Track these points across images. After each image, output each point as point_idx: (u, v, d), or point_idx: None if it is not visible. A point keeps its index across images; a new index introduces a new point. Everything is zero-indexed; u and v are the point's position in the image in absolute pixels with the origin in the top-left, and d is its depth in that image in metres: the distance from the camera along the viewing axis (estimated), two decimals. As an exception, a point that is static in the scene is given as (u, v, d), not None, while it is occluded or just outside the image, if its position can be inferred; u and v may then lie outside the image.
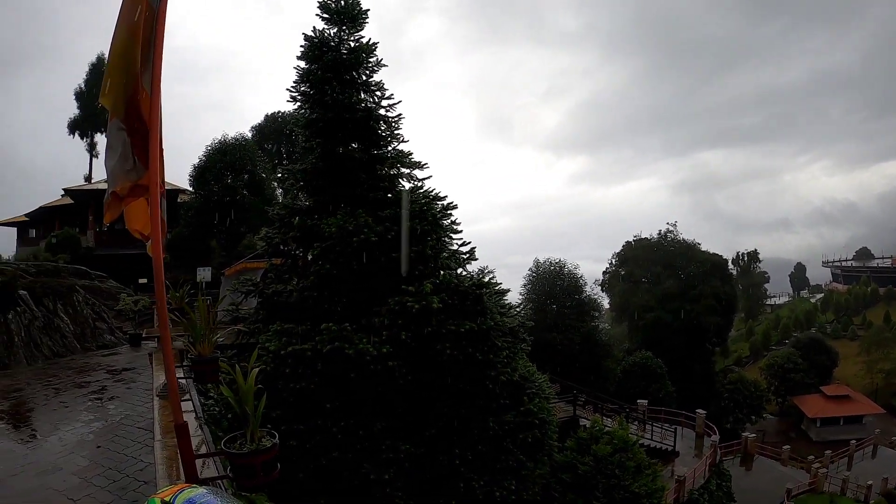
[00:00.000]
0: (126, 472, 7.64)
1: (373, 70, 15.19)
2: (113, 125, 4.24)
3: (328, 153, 14.79)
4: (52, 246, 44.19)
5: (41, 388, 12.98)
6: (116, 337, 18.93)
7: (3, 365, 15.10)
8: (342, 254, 12.24)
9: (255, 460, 3.64)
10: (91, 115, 66.94)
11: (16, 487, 7.38)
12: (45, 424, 10.16)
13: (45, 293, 18.24)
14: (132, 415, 10.29)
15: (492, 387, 12.75)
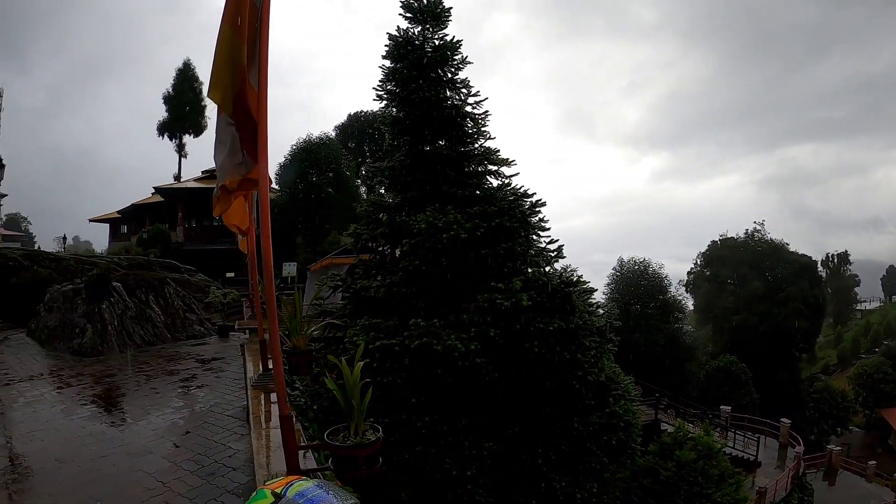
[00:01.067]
0: (215, 458, 7.79)
1: (458, 67, 15.15)
2: (222, 120, 4.30)
3: (415, 150, 14.84)
4: (144, 241, 45.57)
5: (133, 374, 13.41)
6: (205, 328, 19.37)
7: (96, 351, 15.67)
8: (431, 250, 12.23)
9: (359, 453, 3.65)
10: (179, 117, 68.90)
11: (107, 469, 7.58)
12: (136, 409, 10.46)
13: (137, 285, 18.85)
14: (221, 403, 10.51)
15: (578, 387, 12.60)
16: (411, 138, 14.88)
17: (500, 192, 13.71)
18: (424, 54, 14.75)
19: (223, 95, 4.15)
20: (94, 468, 7.59)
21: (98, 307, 16.87)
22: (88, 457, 8.02)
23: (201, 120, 70.58)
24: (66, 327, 16.95)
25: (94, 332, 16.21)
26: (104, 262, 29.07)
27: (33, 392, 11.93)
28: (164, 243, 45.52)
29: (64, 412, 10.37)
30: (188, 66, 70.40)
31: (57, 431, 9.26)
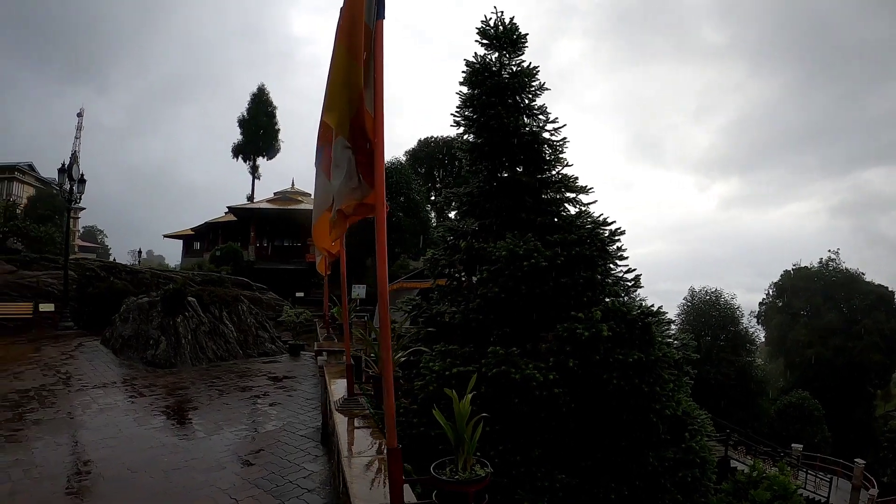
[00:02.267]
0: (288, 478, 7.75)
1: (535, 94, 15.03)
2: (338, 143, 4.25)
3: (493, 177, 14.75)
4: (216, 258, 46.38)
5: (205, 388, 13.54)
6: (277, 346, 19.52)
7: (169, 363, 15.93)
8: (511, 277, 12.07)
9: (469, 489, 3.53)
10: (253, 140, 70.63)
11: (180, 481, 7.63)
12: (208, 423, 10.53)
13: (212, 301, 19.12)
14: (294, 422, 10.49)
15: (655, 420, 12.30)
16: (489, 164, 14.78)
17: (579, 220, 13.50)
18: (502, 80, 14.66)
19: (339, 118, 4.11)
20: (167, 480, 7.64)
21: (173, 320, 17.19)
22: (161, 468, 8.08)
23: (274, 143, 72.05)
24: (140, 338, 17.27)
25: (167, 344, 16.49)
26: (180, 276, 29.66)
27: (106, 399, 12.18)
28: (235, 261, 46.22)
29: (136, 421, 10.53)
30: (262, 91, 72.03)
31: (129, 440, 9.40)
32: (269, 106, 71.59)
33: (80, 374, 14.76)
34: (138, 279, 29.34)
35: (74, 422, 10.58)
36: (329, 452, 8.57)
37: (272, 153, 72.26)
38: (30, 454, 8.59)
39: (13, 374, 14.37)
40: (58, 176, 25.70)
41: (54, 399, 12.24)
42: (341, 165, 4.21)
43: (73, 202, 25.88)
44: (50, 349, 18.39)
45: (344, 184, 4.17)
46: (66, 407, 11.66)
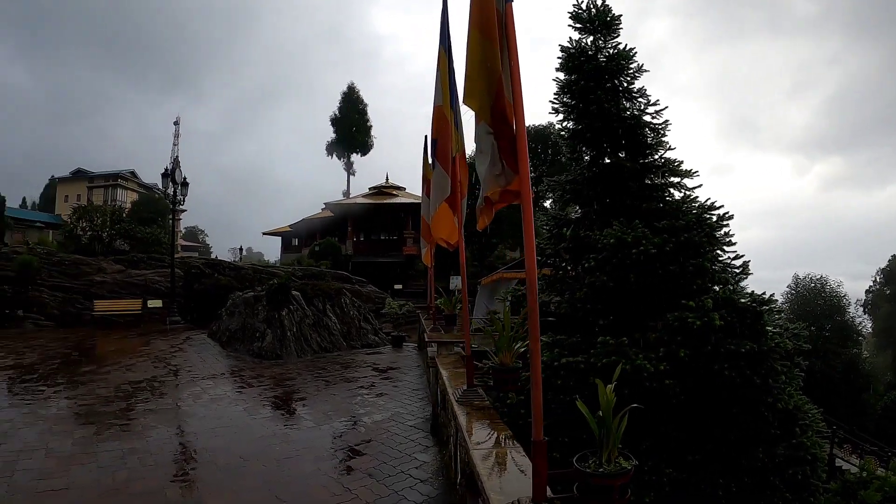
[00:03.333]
0: (400, 468, 7.72)
1: (633, 76, 14.64)
2: (480, 129, 4.16)
3: (595, 163, 14.46)
4: (315, 253, 47.08)
5: (311, 378, 13.72)
6: (380, 338, 19.67)
7: (275, 355, 16.25)
8: (619, 266, 11.81)
9: (615, 482, 3.40)
10: (346, 138, 71.62)
11: (292, 470, 7.70)
12: (317, 413, 10.62)
13: (315, 294, 19.42)
14: (402, 413, 10.48)
15: (766, 414, 11.84)
16: (590, 151, 14.50)
17: (685, 205, 13.11)
18: (599, 64, 14.33)
19: (480, 103, 4.03)
20: (279, 468, 7.71)
21: (278, 314, 17.51)
22: (273, 457, 8.17)
23: (367, 140, 72.84)
24: (246, 331, 17.70)
25: (273, 336, 16.83)
26: (285, 271, 30.22)
27: (216, 390, 12.49)
28: (334, 255, 46.85)
29: (246, 411, 10.73)
30: (352, 90, 72.97)
31: (240, 430, 9.57)
32: (360, 103, 72.44)
33: (189, 365, 15.21)
34: (241, 275, 30.02)
35: (186, 412, 10.84)
36: (440, 443, 8.52)
37: (365, 149, 73.11)
38: (144, 443, 8.82)
39: (125, 367, 14.90)
40: (161, 180, 26.85)
41: (165, 390, 12.63)
42: (485, 151, 4.11)
43: (177, 204, 26.65)
44: (159, 342, 19.09)
45: (488, 170, 4.07)
46: (178, 397, 12.00)
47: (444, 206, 7.33)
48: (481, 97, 4.01)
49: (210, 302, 24.59)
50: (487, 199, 4.27)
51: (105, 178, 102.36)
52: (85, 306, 26.14)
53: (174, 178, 25.79)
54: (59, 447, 8.56)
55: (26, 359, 15.97)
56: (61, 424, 9.82)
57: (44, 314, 25.91)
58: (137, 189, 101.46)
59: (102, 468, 7.68)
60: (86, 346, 18.69)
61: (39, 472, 7.49)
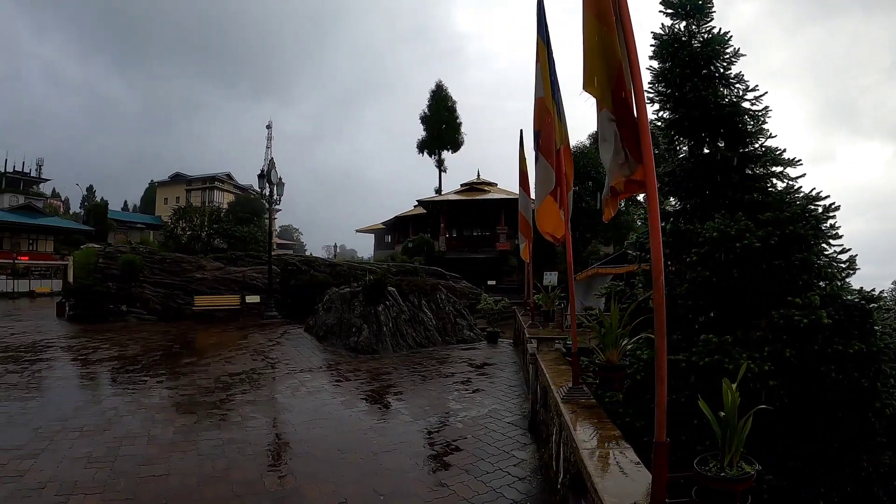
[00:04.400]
0: (498, 465, 7.60)
1: (730, 61, 14.15)
2: (602, 116, 4.02)
3: (692, 154, 14.08)
4: (409, 249, 47.44)
5: (407, 373, 13.75)
6: (475, 333, 19.59)
7: (371, 350, 16.37)
8: (722, 260, 11.45)
9: (737, 487, 3.25)
10: (436, 135, 71.73)
11: (389, 464, 7.69)
12: (414, 408, 10.60)
13: (410, 290, 19.50)
14: (499, 409, 10.36)
15: (873, 420, 11.26)
16: (688, 141, 14.11)
17: (788, 196, 12.61)
18: (694, 50, 13.91)
19: (601, 90, 3.92)
20: (376, 461, 7.71)
21: (374, 309, 17.66)
22: (370, 450, 8.17)
23: (457, 137, 72.74)
24: (343, 326, 17.91)
25: (369, 331, 16.96)
26: (379, 268, 30.52)
27: (313, 383, 12.65)
28: (427, 252, 47.14)
29: (344, 404, 10.80)
30: (440, 87, 72.98)
31: (338, 422, 9.63)
32: (449, 100, 72.42)
33: (286, 359, 15.50)
34: (337, 271, 30.47)
35: (284, 403, 11.02)
36: (538, 440, 8.39)
37: (456, 146, 73.05)
38: (243, 433, 9.00)
39: (225, 359, 15.33)
40: (257, 181, 27.64)
41: (264, 382, 12.91)
42: (608, 139, 3.98)
43: (273, 203, 27.24)
44: (257, 336, 19.54)
45: (612, 160, 3.94)
46: (276, 389, 12.23)
47: (549, 199, 7.19)
48: (601, 84, 3.90)
49: (306, 297, 25.02)
50: (613, 189, 4.12)
51: (202, 180, 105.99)
52: (185, 301, 27.11)
53: (270, 178, 26.49)
54: (161, 435, 8.84)
55: (130, 350, 16.70)
56: (163, 413, 10.15)
57: (146, 309, 27.02)
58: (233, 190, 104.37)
59: (202, 456, 7.88)
60: (186, 339, 19.38)
61: (141, 458, 7.74)
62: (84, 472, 7.25)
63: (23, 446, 8.24)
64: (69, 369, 14.53)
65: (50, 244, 67.68)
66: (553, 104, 6.74)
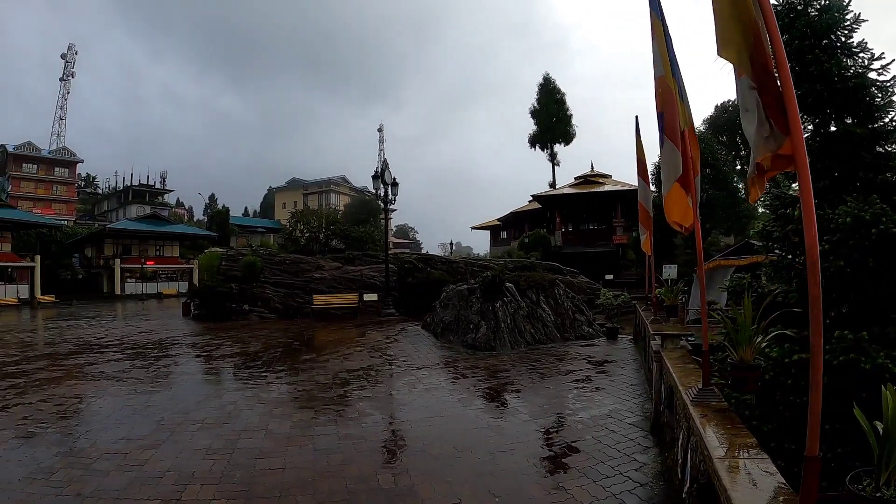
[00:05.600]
0: (618, 468, 7.22)
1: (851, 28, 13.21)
2: (742, 84, 3.65)
3: (819, 132, 13.32)
4: (525, 245, 47.32)
5: (526, 371, 13.46)
6: (594, 329, 19.14)
7: (489, 346, 16.18)
8: (856, 248, 10.69)
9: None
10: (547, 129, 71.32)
11: (506, 464, 7.47)
12: (532, 407, 10.31)
13: (528, 286, 19.24)
14: (620, 409, 9.96)
15: None
16: (813, 118, 13.30)
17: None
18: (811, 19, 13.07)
19: (738, 54, 3.56)
20: (493, 461, 7.47)
21: (492, 305, 17.51)
22: (487, 449, 7.94)
23: (568, 129, 72.06)
24: (460, 322, 17.87)
25: (487, 328, 16.79)
26: (496, 264, 30.49)
27: (430, 380, 12.55)
28: (543, 247, 46.88)
29: (461, 402, 10.61)
30: (548, 80, 72.37)
31: (455, 420, 9.46)
32: (557, 93, 71.69)
33: (404, 355, 15.56)
34: (453, 268, 30.61)
35: (400, 400, 10.95)
36: (661, 444, 8.01)
37: (568, 139, 72.30)
38: (359, 428, 8.98)
39: (343, 356, 15.53)
40: (372, 182, 28.10)
41: (381, 379, 12.93)
42: (750, 109, 3.59)
43: (388, 203, 27.56)
44: (375, 333, 19.87)
45: (756, 132, 3.55)
46: (393, 386, 12.21)
47: (676, 186, 6.78)
48: (738, 47, 3.55)
49: (423, 295, 25.24)
50: (759, 167, 3.73)
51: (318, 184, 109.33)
52: (305, 300, 27.90)
53: (384, 178, 26.92)
54: (278, 429, 8.96)
55: (251, 347, 17.37)
56: (281, 408, 10.33)
57: (267, 308, 28.01)
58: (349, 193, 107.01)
59: (318, 451, 7.90)
60: (305, 337, 19.92)
61: (259, 451, 7.86)
62: (202, 462, 7.45)
63: (145, 437, 8.62)
64: (192, 365, 15.28)
65: (175, 249, 71.84)
66: (674, 82, 6.38)
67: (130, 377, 13.37)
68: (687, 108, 6.36)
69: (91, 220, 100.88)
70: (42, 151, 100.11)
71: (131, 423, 9.39)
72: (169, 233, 70.68)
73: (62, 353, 17.45)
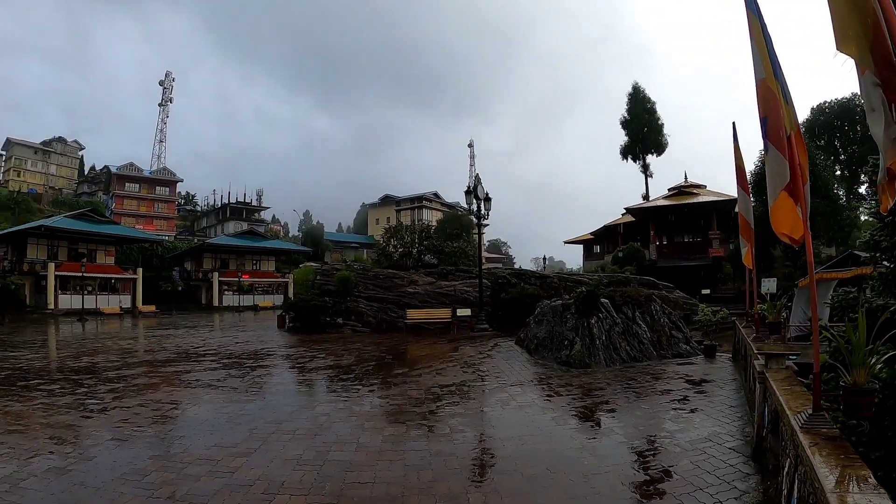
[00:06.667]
0: (717, 497, 6.77)
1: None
2: (866, 81, 3.36)
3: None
4: (619, 259, 46.83)
5: (621, 389, 13.12)
6: (691, 347, 18.52)
7: (583, 364, 15.86)
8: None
9: None
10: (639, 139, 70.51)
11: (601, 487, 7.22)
12: (628, 427, 9.99)
13: (624, 301, 18.84)
14: (719, 432, 9.50)
15: None
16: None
17: None
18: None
19: (858, 48, 3.27)
20: (586, 484, 7.21)
21: (587, 321, 17.20)
22: (580, 471, 7.67)
23: (660, 139, 71.07)
24: (554, 339, 17.61)
25: (582, 345, 16.48)
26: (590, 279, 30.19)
27: (524, 397, 12.32)
28: (638, 261, 46.26)
29: (555, 421, 10.34)
30: (637, 90, 71.58)
31: (548, 439, 9.21)
32: (647, 102, 70.80)
33: (497, 372, 15.39)
34: (547, 284, 30.38)
35: (493, 417, 10.79)
36: (763, 471, 7.57)
37: (660, 149, 71.27)
38: (451, 445, 8.84)
39: (436, 371, 15.50)
40: (464, 198, 28.23)
41: (473, 395, 12.78)
42: (876, 109, 3.28)
43: (481, 218, 27.55)
44: (468, 349, 19.75)
45: (885, 134, 3.25)
46: (485, 403, 12.05)
47: (784, 196, 6.36)
48: (858, 41, 3.26)
49: (517, 310, 25.11)
50: (889, 171, 3.42)
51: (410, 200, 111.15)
52: (398, 315, 28.21)
53: (476, 194, 26.96)
54: (369, 442, 8.94)
55: (344, 360, 17.55)
56: (373, 421, 10.31)
57: (360, 322, 28.44)
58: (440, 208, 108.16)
59: (409, 466, 7.81)
60: (398, 351, 20.01)
61: (349, 464, 7.85)
62: (292, 473, 7.49)
63: (238, 444, 8.80)
64: (286, 376, 15.63)
65: (271, 263, 74.38)
66: (776, 84, 6.02)
67: (225, 386, 13.80)
68: (792, 112, 6.00)
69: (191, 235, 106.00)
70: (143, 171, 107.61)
71: (224, 431, 9.64)
72: (265, 248, 73.65)
73: (160, 361, 18.37)
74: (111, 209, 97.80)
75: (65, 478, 7.32)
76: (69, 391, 13.25)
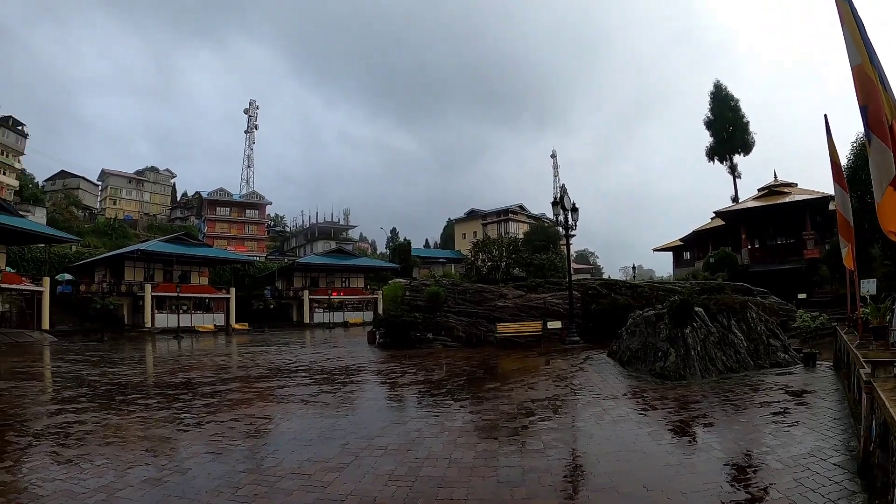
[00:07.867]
0: None
1: None
2: None
3: None
4: (710, 265, 45.99)
5: (718, 402, 12.75)
6: (790, 355, 17.90)
7: (678, 375, 15.56)
8: None
9: None
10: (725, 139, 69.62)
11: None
12: (727, 442, 9.67)
13: (718, 310, 18.41)
14: (823, 447, 9.11)
15: None
16: None
17: None
18: None
19: None
20: (685, 503, 7.01)
21: (681, 332, 16.87)
22: (678, 489, 7.45)
23: (747, 138, 69.95)
24: (648, 350, 17.37)
25: (676, 356, 16.17)
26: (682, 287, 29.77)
27: (618, 411, 12.12)
28: (730, 266, 45.23)
29: (650, 436, 10.13)
30: (720, 88, 70.64)
31: (644, 455, 9.02)
32: (731, 100, 69.74)
33: (589, 385, 15.21)
34: (638, 293, 30.09)
35: (587, 432, 10.62)
36: (870, 489, 7.25)
37: (747, 148, 70.05)
38: (544, 461, 8.73)
39: (527, 385, 15.43)
40: (551, 209, 28.33)
41: (566, 409, 12.65)
42: None
43: (569, 229, 27.46)
44: (559, 362, 19.71)
45: None
46: (579, 417, 11.91)
47: (890, 191, 6.09)
48: None
49: (609, 321, 24.95)
50: None
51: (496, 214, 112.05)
52: (488, 329, 28.43)
53: (563, 204, 26.89)
54: (462, 458, 8.90)
55: (435, 375, 17.74)
56: (465, 437, 10.29)
57: (450, 336, 28.77)
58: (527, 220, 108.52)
59: (501, 483, 7.73)
60: (489, 365, 20.02)
61: (441, 480, 7.83)
62: (384, 488, 7.50)
63: (330, 459, 8.90)
64: (378, 391, 15.87)
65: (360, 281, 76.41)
66: (873, 70, 5.81)
67: (318, 401, 14.10)
68: (892, 98, 5.76)
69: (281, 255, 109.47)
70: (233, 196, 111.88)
71: (317, 446, 9.80)
72: (353, 266, 75.83)
73: (254, 377, 19.04)
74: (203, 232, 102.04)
75: (159, 489, 7.58)
76: (165, 405, 13.82)
